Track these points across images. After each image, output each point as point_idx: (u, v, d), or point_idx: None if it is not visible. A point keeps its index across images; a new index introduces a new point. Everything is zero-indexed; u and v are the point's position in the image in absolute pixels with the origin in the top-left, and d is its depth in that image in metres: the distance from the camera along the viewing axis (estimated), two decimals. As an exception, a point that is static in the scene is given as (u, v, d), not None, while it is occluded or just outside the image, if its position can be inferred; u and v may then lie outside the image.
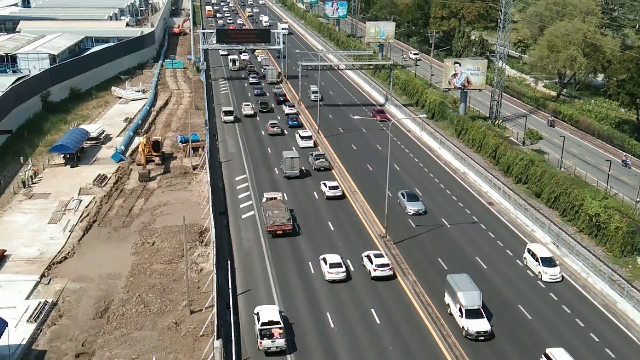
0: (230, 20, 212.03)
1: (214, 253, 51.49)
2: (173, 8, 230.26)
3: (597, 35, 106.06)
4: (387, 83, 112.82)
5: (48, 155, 78.68)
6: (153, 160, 77.74)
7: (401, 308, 47.47)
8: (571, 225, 61.89)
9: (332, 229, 60.69)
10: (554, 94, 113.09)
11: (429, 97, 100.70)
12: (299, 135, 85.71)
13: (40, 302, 47.66)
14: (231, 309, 45.16)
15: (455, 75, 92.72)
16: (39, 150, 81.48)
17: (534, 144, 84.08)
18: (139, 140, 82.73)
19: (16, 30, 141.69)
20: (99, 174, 73.64)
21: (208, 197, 64.00)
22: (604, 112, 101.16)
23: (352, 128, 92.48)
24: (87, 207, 65.47)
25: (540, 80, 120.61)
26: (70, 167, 76.76)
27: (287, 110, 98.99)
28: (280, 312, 44.74)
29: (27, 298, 48.79)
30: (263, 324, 41.91)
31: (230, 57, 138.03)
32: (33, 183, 71.38)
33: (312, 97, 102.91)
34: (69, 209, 64.65)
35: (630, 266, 54.73)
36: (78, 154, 78.53)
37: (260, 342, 41.38)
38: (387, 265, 51.36)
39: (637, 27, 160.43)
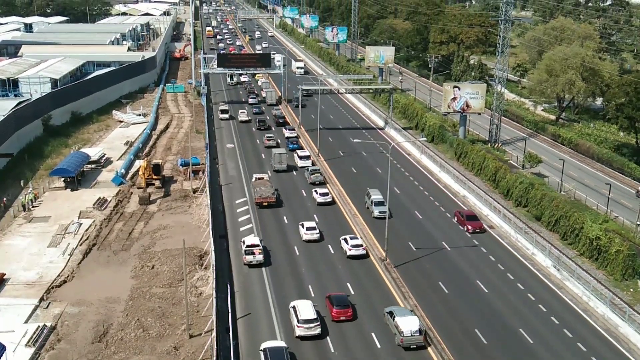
0: (229, 41, 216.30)
1: (214, 277, 51.35)
2: (174, 33, 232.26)
3: (595, 59, 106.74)
4: (387, 107, 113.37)
5: (48, 179, 78.78)
6: (153, 184, 77.81)
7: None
8: (572, 249, 61.74)
9: (332, 252, 60.64)
10: (553, 117, 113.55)
11: (429, 121, 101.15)
12: (298, 155, 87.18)
13: (38, 326, 47.38)
14: (230, 334, 44.90)
15: (454, 99, 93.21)
16: (40, 174, 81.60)
17: (534, 167, 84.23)
18: (139, 163, 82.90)
19: (18, 54, 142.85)
20: (99, 198, 73.66)
21: (208, 220, 63.97)
22: (603, 136, 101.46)
23: (352, 151, 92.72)
24: (87, 230, 65.39)
25: (539, 104, 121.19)
26: (71, 190, 76.81)
27: (287, 133, 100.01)
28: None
29: (26, 322, 48.51)
30: (247, 246, 57.67)
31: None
32: (33, 206, 71.37)
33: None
34: (68, 233, 64.57)
35: (631, 290, 54.50)
36: (78, 178, 78.62)
37: (245, 257, 56.86)
38: (361, 245, 59.27)
39: (634, 51, 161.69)
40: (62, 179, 77.81)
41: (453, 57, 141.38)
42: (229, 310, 48.25)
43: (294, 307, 47.97)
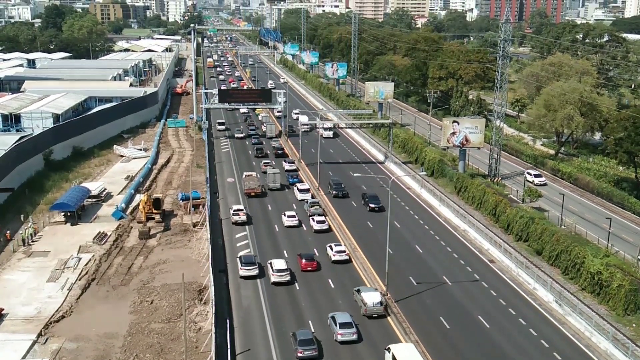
0: (229, 73, 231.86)
1: (213, 312, 51.00)
2: (176, 69, 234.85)
3: (593, 94, 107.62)
4: (387, 141, 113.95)
5: (49, 213, 78.79)
6: (153, 218, 77.77)
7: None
8: (573, 284, 61.42)
9: (333, 286, 60.31)
10: (552, 152, 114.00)
11: (428, 155, 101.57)
12: (297, 188, 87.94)
13: (36, 362, 46.94)
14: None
15: (453, 133, 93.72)
16: (40, 208, 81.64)
17: (534, 202, 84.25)
18: (139, 198, 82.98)
19: (21, 90, 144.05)
20: (99, 232, 73.56)
21: (208, 254, 63.77)
22: (602, 170, 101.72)
23: (352, 185, 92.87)
24: (86, 265, 65.17)
25: (538, 139, 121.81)
26: (71, 225, 76.77)
27: (286, 166, 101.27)
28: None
29: (24, 358, 48.06)
30: (235, 210, 77.38)
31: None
32: (33, 241, 71.24)
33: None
34: (68, 267, 64.33)
35: (634, 325, 54.07)
36: (79, 212, 78.65)
37: (233, 218, 75.78)
38: (344, 251, 65.50)
39: (632, 86, 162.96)
40: (63, 213, 77.84)
41: (452, 93, 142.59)
42: (229, 346, 47.78)
43: (270, 263, 61.84)
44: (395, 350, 45.41)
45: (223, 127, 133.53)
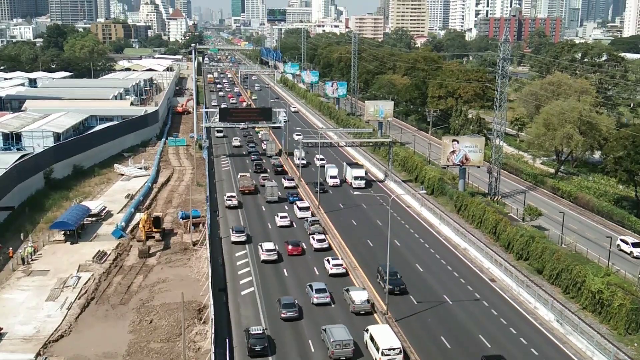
0: (228, 89, 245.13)
1: (212, 331, 50.72)
2: (177, 88, 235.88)
3: (592, 113, 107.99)
4: (387, 159, 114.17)
5: (48, 232, 78.72)
6: (153, 237, 77.70)
7: None
8: (574, 303, 61.18)
9: (334, 306, 60.09)
10: (552, 170, 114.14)
11: (428, 173, 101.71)
12: (297, 206, 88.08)
13: (34, 382, 46.62)
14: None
15: (453, 152, 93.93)
16: (40, 227, 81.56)
17: (534, 220, 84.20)
18: (139, 216, 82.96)
19: (22, 109, 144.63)
20: (99, 251, 73.43)
21: (207, 273, 63.60)
22: (602, 189, 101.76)
23: (352, 204, 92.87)
24: (85, 284, 64.97)
25: (537, 158, 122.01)
26: (71, 243, 76.66)
27: (286, 183, 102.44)
28: None
29: (21, 378, 47.73)
30: (228, 196, 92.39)
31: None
32: (32, 260, 71.09)
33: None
34: (67, 286, 64.13)
35: (635, 344, 53.77)
36: (78, 231, 78.58)
37: (226, 201, 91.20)
38: (341, 264, 66.89)
39: (631, 105, 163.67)
40: (62, 232, 77.76)
41: (451, 111, 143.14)
42: (228, 366, 47.54)
43: (260, 245, 71.61)
44: (373, 330, 51.03)
45: (221, 135, 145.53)
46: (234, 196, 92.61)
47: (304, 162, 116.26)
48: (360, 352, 51.01)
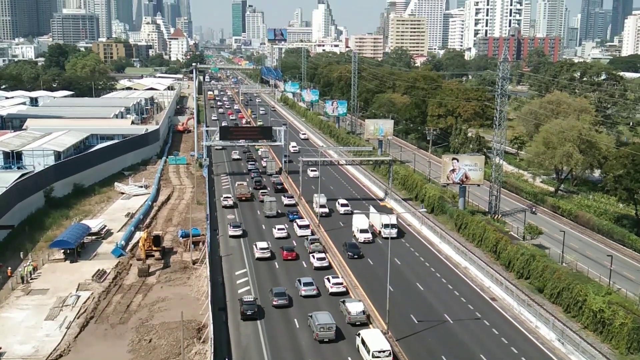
0: (227, 106, 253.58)
1: (212, 351, 50.45)
2: (178, 107, 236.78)
3: (592, 132, 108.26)
4: (387, 178, 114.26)
5: (48, 251, 78.57)
6: (153, 255, 77.53)
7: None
8: (575, 322, 60.91)
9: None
10: (552, 189, 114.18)
11: (428, 192, 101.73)
12: (297, 224, 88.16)
13: (32, 402, 46.28)
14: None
15: (453, 170, 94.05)
16: (40, 246, 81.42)
17: (534, 239, 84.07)
18: (139, 235, 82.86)
19: (23, 127, 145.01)
20: (98, 269, 73.26)
21: (207, 292, 63.38)
22: (602, 207, 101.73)
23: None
24: (84, 303, 64.72)
25: (537, 176, 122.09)
26: (70, 262, 76.49)
27: (286, 201, 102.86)
28: None
29: (19, 398, 47.40)
30: (224, 197, 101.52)
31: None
32: (32, 278, 70.88)
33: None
34: (66, 305, 63.88)
35: (638, 364, 53.46)
36: (78, 249, 78.44)
37: (222, 201, 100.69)
38: (341, 283, 67.57)
39: (630, 124, 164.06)
40: (62, 250, 77.61)
41: (451, 130, 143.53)
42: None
43: (255, 244, 78.43)
44: (365, 335, 52.85)
45: (220, 147, 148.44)
46: (230, 197, 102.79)
47: (326, 210, 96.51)
48: (342, 335, 56.53)
